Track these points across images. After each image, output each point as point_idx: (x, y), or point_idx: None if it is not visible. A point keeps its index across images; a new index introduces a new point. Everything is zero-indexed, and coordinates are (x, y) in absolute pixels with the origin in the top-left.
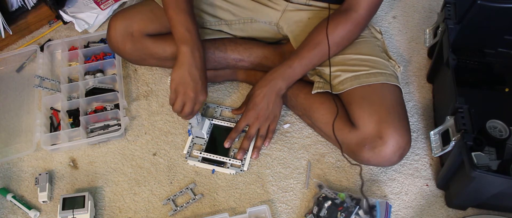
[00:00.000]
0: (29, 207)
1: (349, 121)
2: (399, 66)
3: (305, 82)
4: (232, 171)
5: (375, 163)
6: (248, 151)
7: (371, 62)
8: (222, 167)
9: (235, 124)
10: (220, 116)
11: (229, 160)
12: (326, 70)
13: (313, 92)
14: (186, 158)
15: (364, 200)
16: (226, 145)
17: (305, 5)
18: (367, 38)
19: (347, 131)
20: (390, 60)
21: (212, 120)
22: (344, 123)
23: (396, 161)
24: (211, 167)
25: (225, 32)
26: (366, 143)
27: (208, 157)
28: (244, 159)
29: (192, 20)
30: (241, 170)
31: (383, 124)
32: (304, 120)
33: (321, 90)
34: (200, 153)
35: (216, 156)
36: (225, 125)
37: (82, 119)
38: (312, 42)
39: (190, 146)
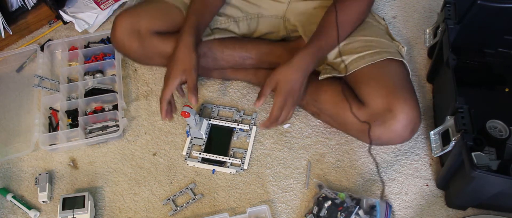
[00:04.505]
0: (29, 207)
1: (357, 101)
2: (403, 46)
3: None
4: (232, 170)
5: (386, 139)
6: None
7: (374, 42)
8: (222, 166)
9: (234, 122)
10: (217, 115)
11: (229, 159)
12: (331, 57)
13: (320, 77)
14: (185, 159)
15: (364, 199)
16: (263, 127)
17: None
18: (370, 22)
19: (356, 109)
20: (394, 41)
21: (210, 120)
22: (351, 102)
23: (407, 136)
24: (211, 167)
25: (233, 31)
26: (376, 119)
27: (207, 157)
28: (244, 157)
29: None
30: (241, 169)
31: (391, 97)
32: (309, 109)
33: (329, 75)
34: (200, 154)
35: (216, 155)
36: (223, 124)
37: (80, 119)
38: (332, 23)
39: (189, 147)
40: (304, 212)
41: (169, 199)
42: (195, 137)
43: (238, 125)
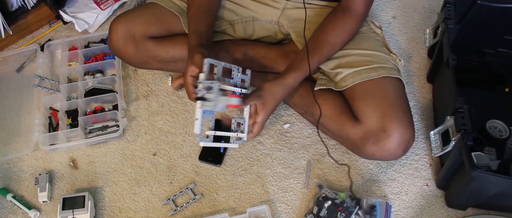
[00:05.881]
0: (29, 207)
1: (352, 116)
2: (400, 60)
3: (306, 80)
4: (234, 145)
5: (379, 157)
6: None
7: (371, 56)
8: (228, 142)
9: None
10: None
11: (234, 133)
12: (327, 67)
13: (315, 89)
14: (199, 139)
15: (364, 199)
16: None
17: (303, 3)
18: (367, 33)
19: (351, 126)
20: (391, 54)
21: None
22: (347, 117)
23: (400, 154)
24: (220, 145)
25: (229, 35)
26: (370, 137)
27: (218, 134)
28: (243, 128)
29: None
30: (241, 142)
31: (386, 118)
32: (306, 118)
33: (324, 87)
34: (210, 131)
35: (223, 132)
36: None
37: (80, 119)
38: (325, 43)
39: (201, 124)
40: (304, 212)
41: (169, 199)
42: (205, 113)
43: (241, 91)
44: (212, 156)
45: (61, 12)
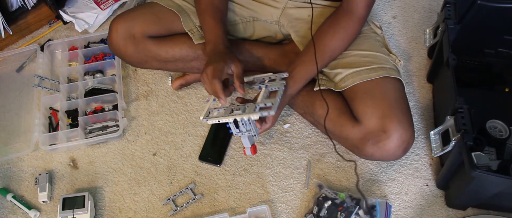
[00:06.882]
0: (29, 207)
1: (352, 116)
2: (399, 60)
3: None
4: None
5: (379, 157)
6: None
7: (371, 57)
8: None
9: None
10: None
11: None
12: (327, 67)
13: (315, 89)
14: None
15: (362, 196)
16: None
17: (304, 2)
18: (367, 34)
19: (351, 126)
20: (391, 54)
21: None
22: (347, 118)
23: (400, 154)
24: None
25: (229, 35)
26: (370, 138)
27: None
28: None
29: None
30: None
31: (386, 118)
32: (306, 118)
33: (324, 87)
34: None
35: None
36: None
37: (80, 119)
38: (326, 48)
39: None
40: (304, 212)
41: (169, 199)
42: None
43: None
44: (212, 156)
45: (61, 12)
